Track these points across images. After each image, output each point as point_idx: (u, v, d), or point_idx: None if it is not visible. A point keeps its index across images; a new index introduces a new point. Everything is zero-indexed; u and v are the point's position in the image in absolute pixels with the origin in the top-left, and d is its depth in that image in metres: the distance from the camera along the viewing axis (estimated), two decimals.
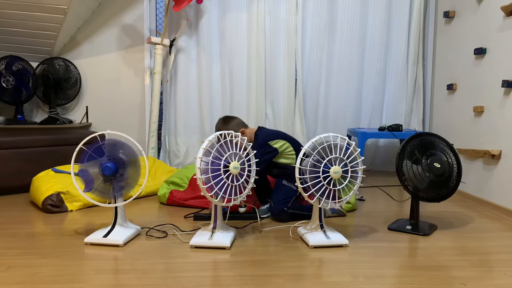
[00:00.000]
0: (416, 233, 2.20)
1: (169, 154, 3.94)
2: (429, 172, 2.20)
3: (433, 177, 2.20)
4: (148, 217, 2.48)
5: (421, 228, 2.24)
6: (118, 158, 2.01)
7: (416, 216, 2.27)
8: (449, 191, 2.23)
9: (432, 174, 2.20)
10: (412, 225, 2.26)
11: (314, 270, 1.75)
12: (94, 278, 1.62)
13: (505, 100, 2.65)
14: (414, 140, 2.26)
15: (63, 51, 3.81)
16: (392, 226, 2.30)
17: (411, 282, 1.63)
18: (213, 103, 3.89)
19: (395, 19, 3.87)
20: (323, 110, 3.93)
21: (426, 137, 2.28)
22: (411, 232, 2.22)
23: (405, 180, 2.22)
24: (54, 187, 2.59)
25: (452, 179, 2.23)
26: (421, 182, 2.20)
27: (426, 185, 2.20)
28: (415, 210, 2.28)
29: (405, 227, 2.25)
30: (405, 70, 3.90)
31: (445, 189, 2.22)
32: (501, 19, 2.71)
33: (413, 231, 2.21)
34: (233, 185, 1.98)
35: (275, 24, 3.81)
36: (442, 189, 2.22)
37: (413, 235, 2.19)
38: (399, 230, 2.25)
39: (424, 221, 2.35)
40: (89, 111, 3.86)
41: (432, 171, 2.20)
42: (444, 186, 2.22)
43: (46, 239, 2.09)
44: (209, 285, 1.59)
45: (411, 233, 2.21)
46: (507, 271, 1.74)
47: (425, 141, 2.27)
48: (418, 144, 2.25)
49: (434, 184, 2.20)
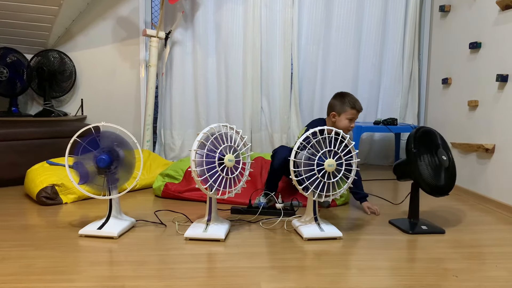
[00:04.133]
0: (438, 232, 2.14)
1: (164, 147, 3.93)
2: (440, 166, 2.15)
3: (444, 170, 2.15)
4: (143, 209, 2.48)
5: (436, 227, 2.19)
6: (113, 150, 2.01)
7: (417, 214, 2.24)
8: (453, 182, 2.20)
9: (443, 167, 2.15)
10: (425, 224, 2.19)
11: (308, 262, 1.76)
12: (88, 270, 1.62)
13: (499, 95, 2.66)
14: (418, 136, 2.19)
15: (58, 43, 3.79)
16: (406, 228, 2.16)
17: (404, 274, 1.64)
18: (209, 96, 3.89)
19: (391, 13, 3.86)
20: (319, 104, 3.93)
21: (426, 131, 2.23)
22: (430, 232, 2.13)
23: (422, 176, 2.11)
24: (48, 179, 2.59)
25: (454, 169, 2.21)
26: (436, 176, 2.12)
27: (442, 179, 2.13)
28: (417, 208, 2.24)
29: (421, 228, 2.16)
30: (401, 64, 3.91)
31: (452, 180, 2.18)
32: (496, 13, 2.72)
33: (432, 231, 2.14)
34: (227, 178, 1.99)
35: (271, 17, 3.80)
36: (451, 181, 2.18)
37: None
38: (417, 232, 2.12)
39: (423, 219, 2.30)
40: (84, 104, 3.85)
41: (443, 164, 2.16)
42: (451, 178, 2.18)
43: (41, 231, 2.09)
44: (204, 276, 1.59)
45: (431, 233, 2.13)
46: (498, 264, 1.76)
47: (427, 135, 2.21)
48: (423, 139, 2.19)
49: (445, 177, 2.15)
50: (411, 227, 2.16)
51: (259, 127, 3.90)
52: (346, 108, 2.44)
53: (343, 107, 2.45)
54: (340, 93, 2.53)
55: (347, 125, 2.45)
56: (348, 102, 2.45)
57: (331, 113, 2.49)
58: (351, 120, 2.45)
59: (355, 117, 2.47)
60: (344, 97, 2.48)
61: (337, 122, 2.47)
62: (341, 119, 2.45)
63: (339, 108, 2.46)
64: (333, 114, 2.48)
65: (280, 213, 2.33)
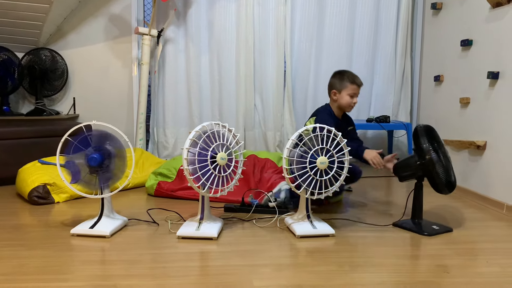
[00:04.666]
0: (447, 231, 2.11)
1: (157, 146, 3.92)
2: (448, 162, 2.11)
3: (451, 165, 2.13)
4: (136, 208, 2.48)
5: (444, 226, 2.17)
6: (105, 149, 2.00)
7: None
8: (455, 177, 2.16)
9: (450, 163, 2.13)
10: (434, 224, 2.16)
11: (300, 260, 1.77)
12: (80, 269, 1.62)
13: (491, 92, 2.68)
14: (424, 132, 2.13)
15: (49, 41, 3.76)
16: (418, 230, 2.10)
17: (396, 270, 1.65)
18: (202, 94, 3.87)
19: (383, 11, 3.87)
20: (312, 102, 3.93)
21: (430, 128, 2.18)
22: (442, 232, 2.10)
23: (439, 174, 2.06)
24: (40, 178, 2.57)
25: None
26: (448, 172, 2.09)
27: (453, 175, 2.11)
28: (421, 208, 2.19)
29: (433, 228, 2.11)
30: (393, 61, 3.92)
31: (455, 176, 2.15)
32: (487, 10, 2.73)
33: (443, 230, 2.11)
34: (220, 176, 1.98)
35: (264, 14, 3.80)
36: (455, 177, 2.15)
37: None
38: (433, 234, 2.06)
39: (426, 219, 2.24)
40: (77, 103, 3.82)
41: (449, 160, 2.13)
42: (454, 174, 2.15)
43: (33, 230, 2.08)
44: (196, 275, 1.59)
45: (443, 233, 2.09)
46: (490, 260, 1.77)
47: (432, 132, 2.17)
48: (431, 136, 2.13)
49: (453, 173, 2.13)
50: (425, 229, 2.10)
51: (252, 125, 3.90)
52: (346, 84, 2.42)
53: (343, 83, 2.43)
54: (338, 71, 2.52)
55: (349, 101, 2.43)
56: (347, 78, 2.43)
57: (331, 92, 2.47)
58: (352, 96, 2.42)
59: (356, 92, 2.44)
60: (342, 74, 2.47)
61: (339, 100, 2.45)
62: (343, 95, 2.43)
63: (339, 85, 2.44)
64: (333, 92, 2.46)
65: (273, 211, 2.34)
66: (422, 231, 2.08)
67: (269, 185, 2.78)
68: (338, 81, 2.46)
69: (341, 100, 2.45)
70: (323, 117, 2.43)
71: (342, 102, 2.44)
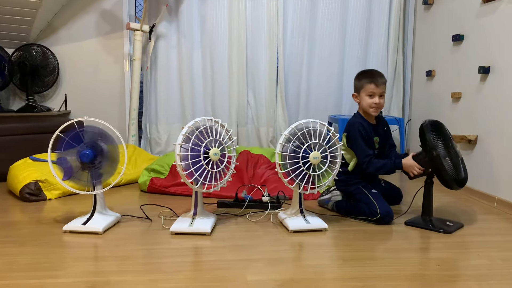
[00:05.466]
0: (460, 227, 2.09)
1: (150, 142, 3.91)
2: (458, 157, 2.07)
3: (461, 161, 2.09)
4: (129, 204, 2.47)
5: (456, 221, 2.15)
6: (96, 145, 1.99)
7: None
8: (467, 173, 2.11)
9: (459, 158, 2.09)
10: (447, 220, 2.14)
11: (293, 254, 1.77)
12: (72, 266, 1.61)
13: (482, 86, 2.70)
14: (430, 128, 2.10)
15: (40, 37, 3.73)
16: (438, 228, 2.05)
17: (388, 264, 1.66)
18: (195, 90, 3.86)
19: (375, 6, 3.87)
20: (305, 97, 3.93)
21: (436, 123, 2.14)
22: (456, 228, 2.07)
23: (447, 170, 2.01)
24: (32, 175, 2.55)
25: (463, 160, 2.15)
26: (458, 168, 2.04)
27: (462, 171, 2.06)
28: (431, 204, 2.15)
29: (449, 225, 2.08)
30: (386, 57, 3.92)
31: (466, 172, 2.11)
32: (478, 5, 2.74)
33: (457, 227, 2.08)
34: (213, 172, 1.98)
35: (256, 10, 3.79)
36: (466, 172, 2.10)
37: None
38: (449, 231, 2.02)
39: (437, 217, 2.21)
40: (68, 99, 3.80)
41: (459, 156, 2.09)
42: (465, 169, 2.11)
43: (24, 227, 2.06)
44: (190, 270, 1.59)
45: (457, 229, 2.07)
46: (480, 252, 1.79)
47: (439, 126, 2.13)
48: (438, 131, 2.10)
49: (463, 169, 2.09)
50: (442, 226, 2.06)
51: (245, 121, 3.90)
52: (362, 84, 2.27)
53: (360, 84, 2.28)
54: (360, 71, 2.37)
55: (369, 103, 2.25)
56: (364, 78, 2.28)
57: (353, 96, 2.35)
58: (371, 96, 2.25)
59: (375, 92, 2.24)
60: (361, 74, 2.32)
61: (361, 103, 2.31)
62: (362, 97, 2.28)
63: (358, 87, 2.30)
64: (354, 95, 2.34)
65: (266, 206, 2.34)
66: (439, 229, 2.04)
67: (262, 180, 2.79)
68: (357, 82, 2.32)
69: (362, 102, 2.29)
70: (353, 135, 2.26)
71: (364, 104, 2.28)
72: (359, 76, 2.33)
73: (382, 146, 2.38)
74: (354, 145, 2.26)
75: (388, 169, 2.21)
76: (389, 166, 2.20)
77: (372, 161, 2.22)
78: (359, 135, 2.24)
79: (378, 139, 2.34)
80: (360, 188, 2.25)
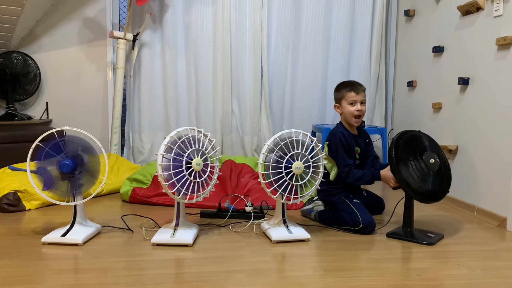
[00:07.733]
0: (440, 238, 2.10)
1: (133, 151, 3.87)
2: (428, 170, 2.07)
3: (433, 174, 2.07)
4: (110, 215, 2.44)
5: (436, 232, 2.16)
6: (77, 155, 1.97)
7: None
8: (445, 185, 2.14)
9: (431, 171, 2.07)
10: (430, 232, 2.14)
11: (276, 265, 1.77)
12: (51, 279, 1.58)
13: (461, 97, 2.75)
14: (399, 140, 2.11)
15: (21, 44, 3.68)
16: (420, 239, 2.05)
17: (369, 274, 1.67)
18: (179, 99, 3.85)
19: (358, 17, 3.92)
20: (289, 106, 3.95)
21: (409, 136, 2.15)
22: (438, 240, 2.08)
23: (410, 185, 2.03)
24: (10, 185, 2.51)
25: (448, 171, 2.16)
26: (422, 182, 2.04)
27: (428, 184, 2.05)
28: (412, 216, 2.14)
29: (426, 235, 2.10)
30: (368, 67, 3.97)
31: (444, 184, 2.13)
32: (458, 18, 2.80)
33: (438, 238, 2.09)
34: (195, 182, 1.97)
35: (240, 19, 3.80)
36: (442, 185, 2.12)
37: None
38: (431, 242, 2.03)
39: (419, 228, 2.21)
40: (50, 107, 3.74)
41: (430, 168, 2.07)
42: (442, 181, 2.12)
43: (2, 239, 2.02)
44: (171, 282, 1.58)
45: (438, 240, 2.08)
46: (460, 262, 1.81)
47: (411, 139, 2.14)
48: (407, 143, 2.11)
49: (435, 181, 2.08)
50: (424, 238, 2.06)
51: (229, 130, 3.89)
52: (343, 94, 2.33)
53: (340, 93, 2.35)
54: (339, 83, 2.43)
55: (351, 111, 2.30)
56: (343, 88, 2.35)
57: (334, 107, 2.41)
58: (353, 104, 2.30)
59: (356, 99, 2.30)
60: (340, 85, 2.39)
61: (343, 113, 2.36)
62: (344, 106, 2.33)
63: (338, 96, 2.37)
64: (335, 106, 2.39)
65: (250, 216, 2.34)
66: (420, 240, 2.04)
67: (246, 190, 2.78)
68: (336, 92, 2.39)
69: (344, 110, 2.34)
70: (334, 144, 2.30)
71: (346, 113, 2.33)
72: (338, 87, 2.40)
73: (362, 157, 2.41)
74: (335, 154, 2.30)
75: (367, 180, 2.24)
76: (368, 176, 2.23)
77: (352, 171, 2.25)
78: (340, 144, 2.29)
79: (359, 150, 2.38)
80: (342, 198, 2.27)
